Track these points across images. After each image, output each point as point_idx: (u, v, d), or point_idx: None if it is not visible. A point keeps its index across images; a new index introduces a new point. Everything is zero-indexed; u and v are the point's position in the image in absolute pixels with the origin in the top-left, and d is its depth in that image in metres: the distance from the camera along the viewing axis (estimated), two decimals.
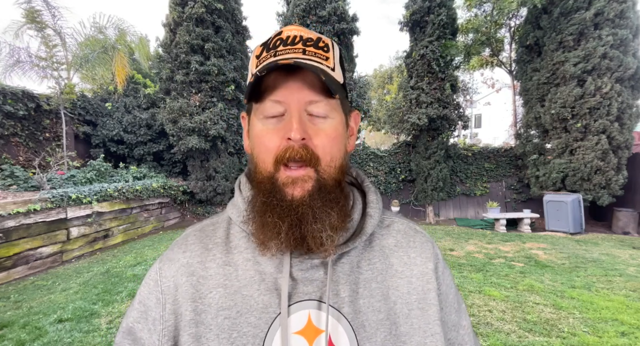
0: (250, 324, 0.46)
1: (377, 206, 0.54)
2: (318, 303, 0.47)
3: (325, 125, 0.47)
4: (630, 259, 4.88)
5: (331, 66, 0.48)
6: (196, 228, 0.57)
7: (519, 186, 8.96)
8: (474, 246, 5.73)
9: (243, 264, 0.50)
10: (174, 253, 0.53)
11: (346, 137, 0.52)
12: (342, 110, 0.50)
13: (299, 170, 0.45)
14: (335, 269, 0.49)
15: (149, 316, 0.50)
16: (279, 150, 0.46)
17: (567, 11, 6.96)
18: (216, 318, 0.47)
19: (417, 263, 0.52)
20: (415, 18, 8.08)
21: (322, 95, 0.46)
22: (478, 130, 22.16)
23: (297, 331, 0.46)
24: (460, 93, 11.67)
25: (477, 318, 2.96)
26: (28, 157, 6.70)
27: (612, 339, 2.59)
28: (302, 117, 0.46)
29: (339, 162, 0.49)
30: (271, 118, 0.47)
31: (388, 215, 0.58)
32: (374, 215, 0.53)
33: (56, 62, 6.66)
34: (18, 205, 4.27)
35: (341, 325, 0.46)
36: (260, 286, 0.48)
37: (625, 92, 6.66)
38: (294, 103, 0.46)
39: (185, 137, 7.47)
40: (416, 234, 0.56)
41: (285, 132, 0.45)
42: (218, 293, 0.48)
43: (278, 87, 0.46)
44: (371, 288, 0.49)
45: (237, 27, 8.44)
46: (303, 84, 0.46)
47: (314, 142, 0.46)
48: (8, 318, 3.03)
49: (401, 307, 0.49)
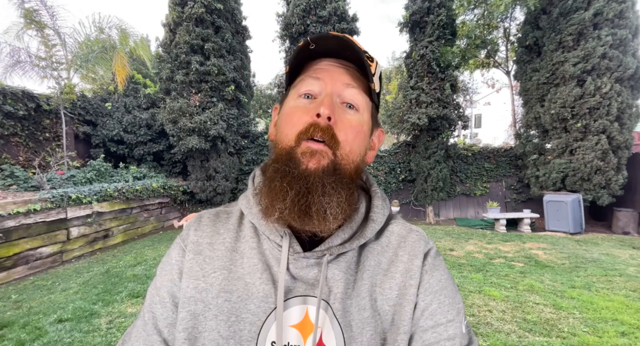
0: (250, 311, 0.47)
1: (382, 212, 0.53)
2: (312, 299, 0.48)
3: (353, 116, 0.49)
4: (630, 259, 4.89)
5: (373, 72, 0.50)
6: (211, 212, 0.58)
7: (519, 186, 8.96)
8: (474, 246, 5.73)
9: (249, 252, 0.51)
10: (187, 230, 0.55)
11: (368, 143, 0.53)
12: (371, 115, 0.52)
13: (320, 145, 0.46)
14: (330, 267, 0.49)
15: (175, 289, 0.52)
16: (304, 126, 0.47)
17: (566, 11, 6.96)
18: (216, 299, 0.47)
19: (403, 260, 0.51)
20: (415, 18, 8.09)
21: (359, 87, 0.48)
22: (478, 130, 22.15)
23: (293, 324, 0.47)
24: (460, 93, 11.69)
25: (477, 318, 2.96)
26: (28, 157, 6.69)
27: (612, 339, 2.59)
28: (335, 100, 0.48)
29: (357, 158, 0.49)
30: (304, 98, 0.49)
31: (390, 219, 0.57)
32: (377, 220, 0.52)
33: (56, 62, 6.66)
34: (18, 205, 4.27)
35: (331, 323, 0.47)
36: (262, 275, 0.48)
37: (624, 92, 6.66)
38: (329, 84, 0.48)
39: (185, 137, 7.47)
40: (409, 233, 0.55)
41: (314, 110, 0.47)
42: (222, 275, 0.49)
43: (319, 66, 0.49)
44: (358, 286, 0.49)
45: (237, 27, 8.44)
46: (343, 71, 0.48)
47: (339, 127, 0.47)
48: (8, 318, 3.02)
49: (382, 304, 0.49)
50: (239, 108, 8.42)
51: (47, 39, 6.54)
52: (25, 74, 6.69)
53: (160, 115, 7.83)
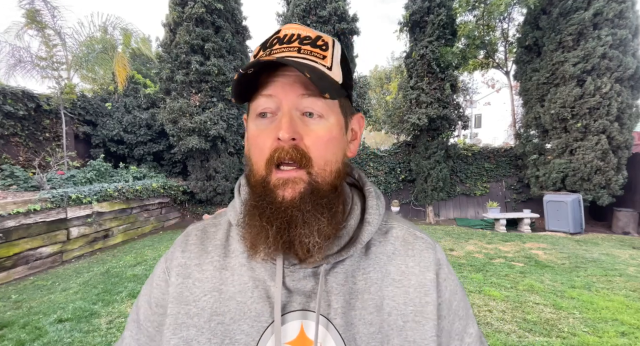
0: (243, 332, 0.46)
1: (377, 212, 0.51)
2: (310, 313, 0.46)
3: (318, 126, 0.45)
4: (630, 259, 4.89)
5: (328, 65, 0.47)
6: (198, 228, 0.56)
7: (519, 186, 8.96)
8: (474, 246, 5.73)
9: (238, 269, 0.49)
10: (174, 251, 0.54)
11: (345, 140, 0.50)
12: (340, 112, 0.48)
13: (290, 172, 0.44)
14: (328, 279, 0.47)
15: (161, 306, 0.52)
16: (269, 152, 0.44)
17: (566, 11, 6.96)
18: (209, 322, 0.46)
19: (415, 272, 0.49)
20: (415, 18, 8.09)
21: (315, 93, 0.44)
22: (478, 130, 22.15)
23: (289, 341, 0.45)
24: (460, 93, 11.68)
25: (477, 318, 2.96)
26: (28, 157, 6.69)
27: (612, 339, 2.59)
28: (294, 115, 0.44)
29: (335, 166, 0.46)
30: (262, 118, 0.46)
31: (388, 219, 0.55)
32: (372, 222, 0.50)
33: (56, 62, 6.67)
34: (18, 205, 4.27)
35: (332, 338, 0.45)
36: (253, 293, 0.47)
37: (624, 92, 6.66)
38: (285, 99, 0.44)
39: (186, 137, 7.47)
40: (416, 240, 0.52)
41: (275, 132, 0.44)
42: (213, 297, 0.48)
43: (270, 83, 0.45)
44: (364, 299, 0.47)
45: (237, 27, 8.44)
46: (295, 80, 0.44)
47: (306, 143, 0.44)
48: (8, 318, 3.03)
49: (395, 319, 0.46)
50: (239, 108, 8.42)
51: (48, 39, 6.55)
52: (28, 73, 6.69)
53: (160, 115, 7.83)
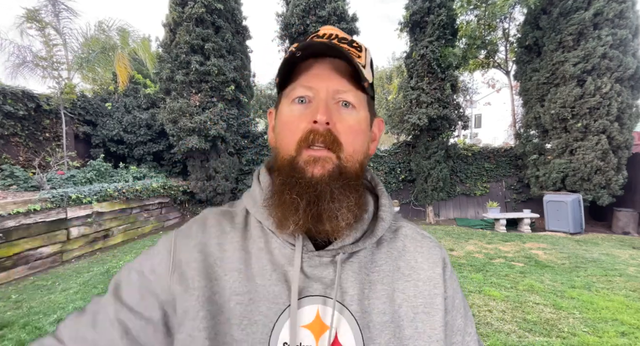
0: (262, 313, 0.46)
1: (389, 210, 0.54)
2: (326, 299, 0.47)
3: (351, 116, 0.49)
4: (630, 259, 4.89)
5: (362, 63, 0.50)
6: (216, 211, 0.57)
7: (519, 186, 8.96)
8: (474, 246, 5.73)
9: (257, 253, 0.50)
10: (192, 231, 0.53)
11: (369, 136, 0.53)
12: (367, 109, 0.52)
13: (322, 151, 0.46)
14: (344, 267, 0.49)
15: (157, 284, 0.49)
16: (303, 133, 0.47)
17: (566, 11, 6.96)
18: (229, 302, 0.47)
19: (424, 267, 0.52)
20: (415, 18, 8.08)
21: (351, 84, 0.48)
22: (478, 130, 22.15)
23: (305, 324, 0.46)
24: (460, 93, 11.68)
25: (477, 318, 2.96)
26: (28, 157, 6.69)
27: (612, 339, 2.59)
28: (329, 103, 0.47)
29: (361, 156, 0.50)
30: (298, 104, 0.48)
31: (396, 219, 0.58)
32: (386, 219, 0.53)
33: (56, 62, 6.67)
34: (18, 205, 4.27)
35: (348, 323, 0.47)
36: (272, 276, 0.48)
37: (625, 92, 6.66)
38: (322, 89, 0.47)
39: (185, 137, 7.47)
40: (424, 239, 0.56)
41: (311, 116, 0.46)
42: (233, 277, 0.48)
43: (309, 71, 0.48)
44: (377, 290, 0.49)
45: (237, 27, 8.43)
46: (333, 71, 0.48)
47: (338, 129, 0.47)
48: (8, 318, 3.02)
49: (406, 310, 0.49)
50: (239, 108, 8.42)
51: (49, 38, 6.55)
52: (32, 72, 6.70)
53: (160, 115, 7.83)
